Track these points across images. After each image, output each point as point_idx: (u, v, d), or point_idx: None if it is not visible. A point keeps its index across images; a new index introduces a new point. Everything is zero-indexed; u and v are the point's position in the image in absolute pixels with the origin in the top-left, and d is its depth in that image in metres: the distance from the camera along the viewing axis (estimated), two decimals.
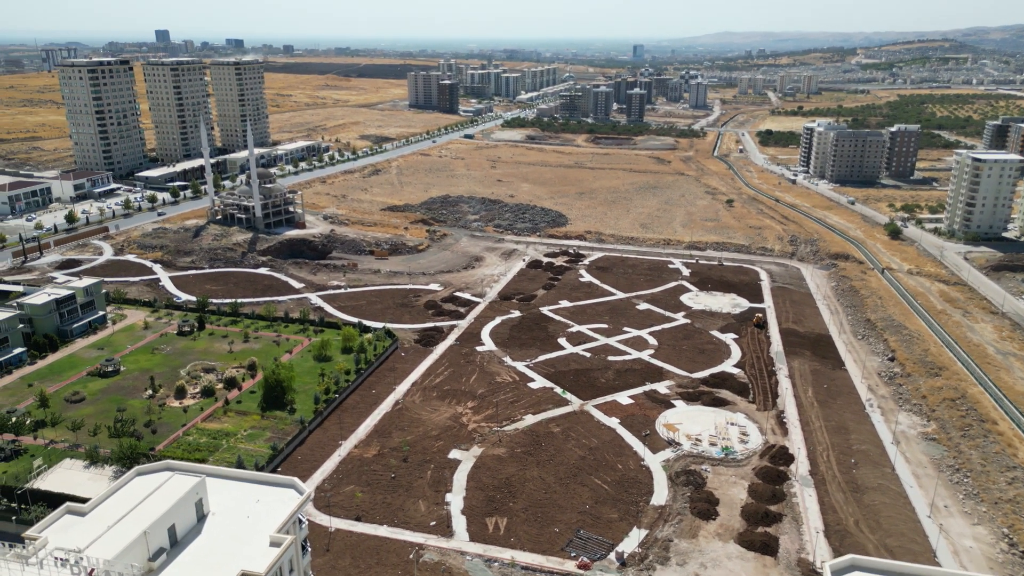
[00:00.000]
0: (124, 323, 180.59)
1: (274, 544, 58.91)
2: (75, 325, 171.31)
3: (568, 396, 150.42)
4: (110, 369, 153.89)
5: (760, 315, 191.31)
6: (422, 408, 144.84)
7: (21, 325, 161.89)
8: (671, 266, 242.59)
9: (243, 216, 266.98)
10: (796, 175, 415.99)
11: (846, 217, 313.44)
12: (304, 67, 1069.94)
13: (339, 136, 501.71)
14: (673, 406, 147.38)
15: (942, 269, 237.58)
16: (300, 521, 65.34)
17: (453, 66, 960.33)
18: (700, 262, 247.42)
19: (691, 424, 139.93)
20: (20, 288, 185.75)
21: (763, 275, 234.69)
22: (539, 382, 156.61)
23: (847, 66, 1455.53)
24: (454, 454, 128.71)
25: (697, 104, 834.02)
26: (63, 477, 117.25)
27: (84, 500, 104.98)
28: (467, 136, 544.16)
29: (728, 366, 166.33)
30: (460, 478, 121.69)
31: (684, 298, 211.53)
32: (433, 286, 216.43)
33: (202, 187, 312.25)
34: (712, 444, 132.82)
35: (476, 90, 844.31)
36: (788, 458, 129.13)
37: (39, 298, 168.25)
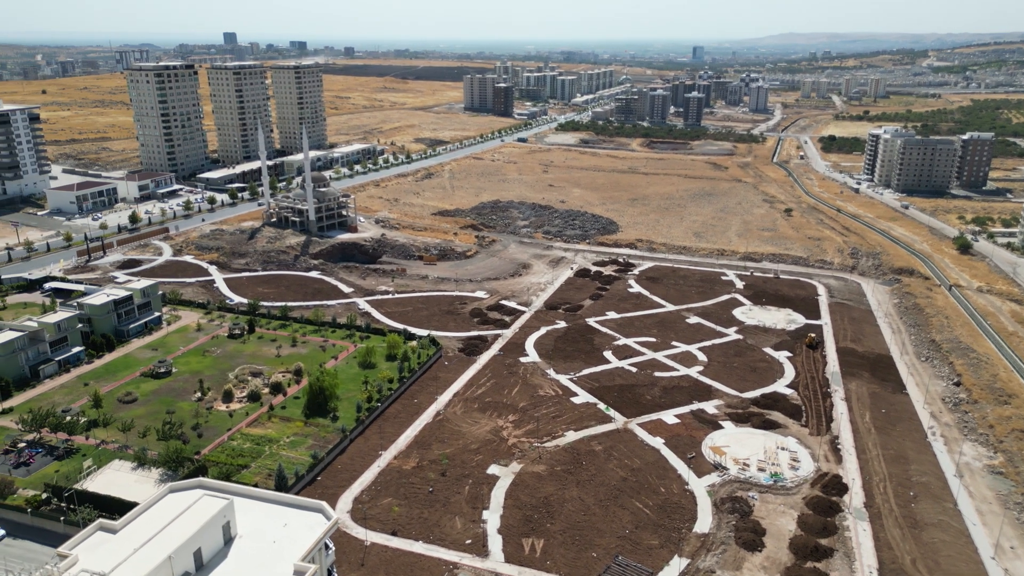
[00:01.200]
0: (178, 324, 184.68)
1: (298, 573, 58.04)
2: (132, 326, 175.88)
3: (612, 413, 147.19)
4: (162, 370, 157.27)
5: (814, 335, 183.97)
6: (463, 420, 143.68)
7: (80, 325, 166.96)
8: (724, 278, 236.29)
9: (297, 219, 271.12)
10: (860, 183, 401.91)
11: (912, 229, 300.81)
12: (363, 69, 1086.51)
13: (394, 139, 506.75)
14: (721, 427, 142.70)
15: (1015, 287, 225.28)
16: (327, 546, 64.45)
17: (509, 68, 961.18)
18: (755, 274, 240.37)
19: (739, 447, 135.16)
20: (82, 288, 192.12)
21: (821, 290, 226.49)
22: (582, 397, 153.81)
23: (917, 69, 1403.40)
24: (493, 469, 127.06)
25: (757, 108, 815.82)
26: (111, 478, 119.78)
27: (129, 504, 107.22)
28: (520, 140, 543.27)
29: (780, 386, 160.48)
30: (498, 495, 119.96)
31: (737, 312, 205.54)
32: (479, 293, 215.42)
33: (259, 189, 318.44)
34: (760, 469, 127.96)
35: (531, 93, 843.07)
36: (841, 488, 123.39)
37: (98, 299, 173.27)
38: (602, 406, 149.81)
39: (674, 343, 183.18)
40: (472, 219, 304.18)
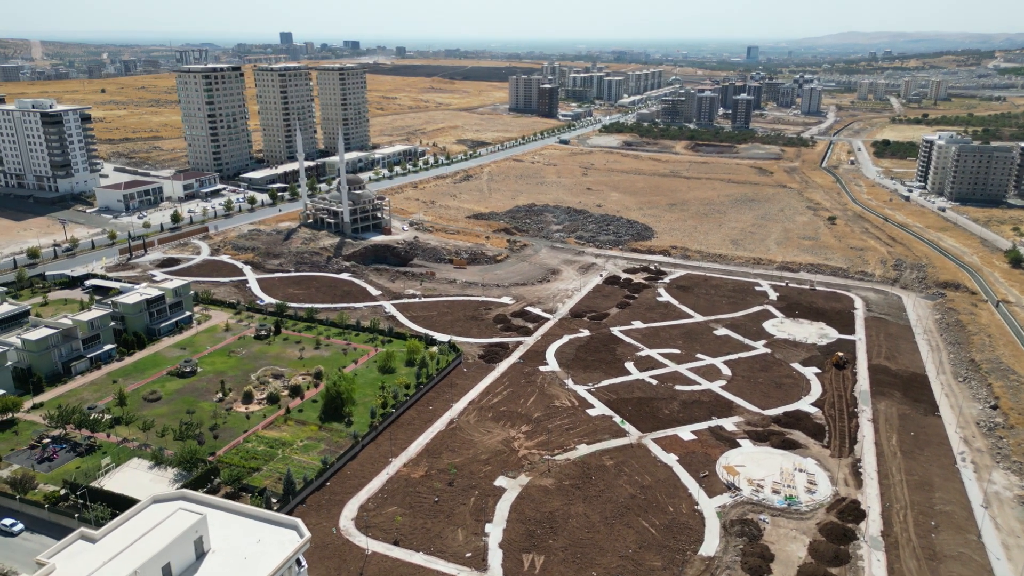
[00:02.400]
0: (208, 324, 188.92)
1: None
2: (163, 324, 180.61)
3: (627, 427, 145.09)
4: (188, 370, 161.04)
5: (841, 354, 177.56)
6: (475, 429, 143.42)
7: (113, 323, 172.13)
8: (758, 288, 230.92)
9: (332, 221, 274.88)
10: (911, 191, 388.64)
11: (963, 240, 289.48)
12: (412, 69, 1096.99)
13: (437, 140, 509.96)
14: (738, 445, 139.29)
15: None
16: (299, 563, 64.72)
17: (556, 69, 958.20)
18: (790, 285, 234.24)
19: (755, 467, 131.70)
20: (118, 286, 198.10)
21: (858, 303, 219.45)
22: (598, 409, 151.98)
23: (983, 70, 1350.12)
24: (500, 481, 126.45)
25: (809, 110, 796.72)
26: (128, 477, 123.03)
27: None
28: (562, 141, 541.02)
29: (805, 404, 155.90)
30: (503, 508, 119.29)
31: (767, 324, 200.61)
32: (505, 299, 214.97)
33: (299, 190, 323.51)
34: (775, 492, 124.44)
35: (577, 94, 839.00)
36: (859, 514, 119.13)
37: (131, 297, 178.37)
38: (618, 419, 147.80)
39: (699, 355, 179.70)
40: (506, 223, 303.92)
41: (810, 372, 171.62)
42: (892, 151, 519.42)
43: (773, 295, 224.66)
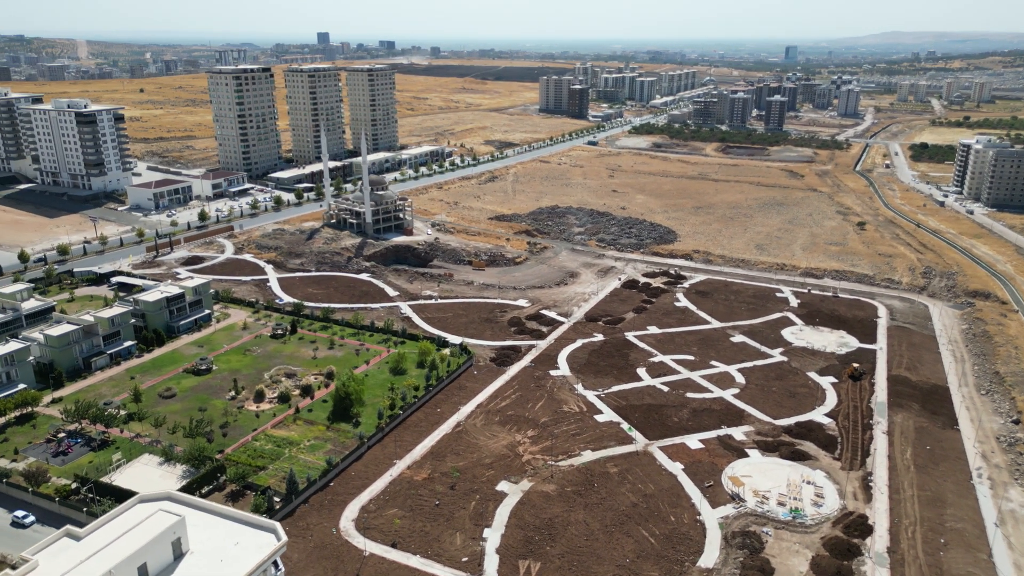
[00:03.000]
0: (226, 322, 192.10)
1: None
2: (182, 322, 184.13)
3: (634, 434, 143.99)
4: (203, 368, 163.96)
5: (857, 365, 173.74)
6: (481, 432, 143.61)
7: (133, 320, 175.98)
8: (779, 295, 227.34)
9: (354, 221, 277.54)
10: (946, 196, 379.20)
11: (997, 248, 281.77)
12: (445, 70, 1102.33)
13: (465, 140, 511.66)
14: (746, 455, 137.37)
15: None
16: (277, 565, 65.48)
17: (588, 69, 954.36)
18: (812, 292, 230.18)
19: (762, 478, 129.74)
20: (142, 283, 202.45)
21: (882, 311, 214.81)
22: (607, 415, 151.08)
23: None
24: (502, 486, 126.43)
25: (846, 112, 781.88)
26: (138, 472, 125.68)
27: None
28: (590, 143, 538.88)
29: (819, 414, 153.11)
30: (503, 513, 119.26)
31: (786, 332, 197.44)
32: (521, 302, 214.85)
33: (324, 190, 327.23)
34: (780, 504, 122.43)
35: (609, 94, 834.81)
36: (865, 529, 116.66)
37: (152, 295, 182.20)
38: (625, 426, 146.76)
39: (713, 362, 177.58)
40: (528, 224, 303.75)
41: (826, 382, 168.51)
42: (930, 155, 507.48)
43: (794, 302, 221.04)
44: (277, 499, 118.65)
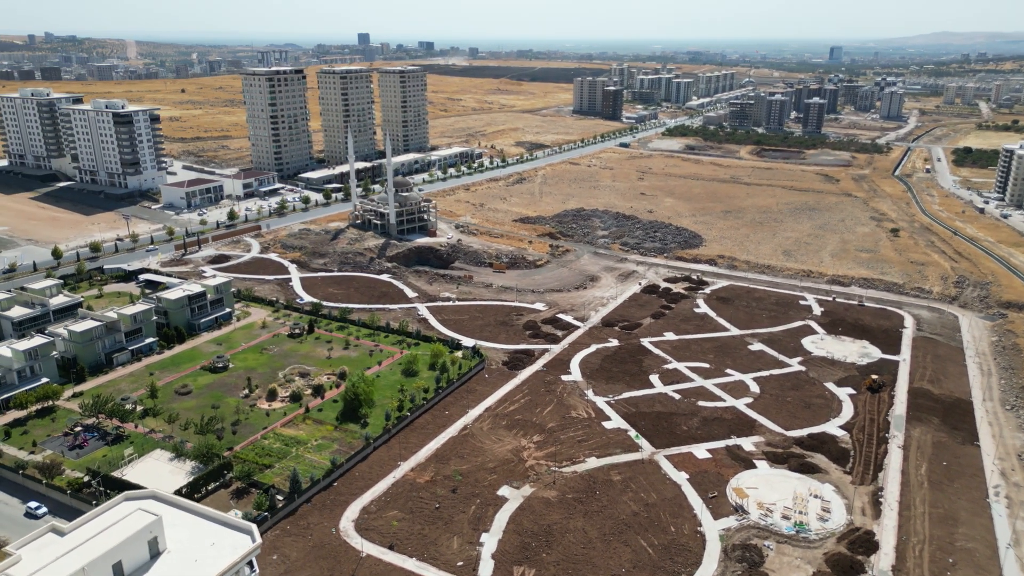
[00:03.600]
0: (246, 320, 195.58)
1: None
2: (203, 320, 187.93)
3: (641, 441, 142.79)
4: (220, 365, 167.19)
5: (876, 376, 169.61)
6: (487, 436, 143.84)
7: (155, 317, 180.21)
8: (802, 302, 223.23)
9: (378, 222, 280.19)
10: (987, 202, 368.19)
11: None
12: (481, 71, 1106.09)
13: (496, 142, 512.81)
14: (754, 467, 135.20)
15: None
16: (252, 566, 66.50)
17: (625, 71, 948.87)
18: (837, 300, 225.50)
19: (768, 490, 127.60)
20: (167, 281, 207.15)
21: (908, 321, 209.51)
22: (615, 422, 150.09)
23: None
24: (504, 491, 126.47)
25: (889, 114, 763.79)
26: (148, 467, 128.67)
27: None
28: (622, 145, 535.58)
29: (833, 426, 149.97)
30: (502, 518, 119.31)
31: (806, 341, 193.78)
32: (538, 305, 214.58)
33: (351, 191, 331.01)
34: (785, 517, 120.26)
35: (644, 96, 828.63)
36: (871, 546, 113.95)
37: (174, 293, 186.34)
38: (632, 433, 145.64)
39: (728, 371, 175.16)
40: (552, 227, 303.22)
41: (844, 393, 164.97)
42: (973, 159, 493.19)
43: (817, 310, 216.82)
44: (280, 498, 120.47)
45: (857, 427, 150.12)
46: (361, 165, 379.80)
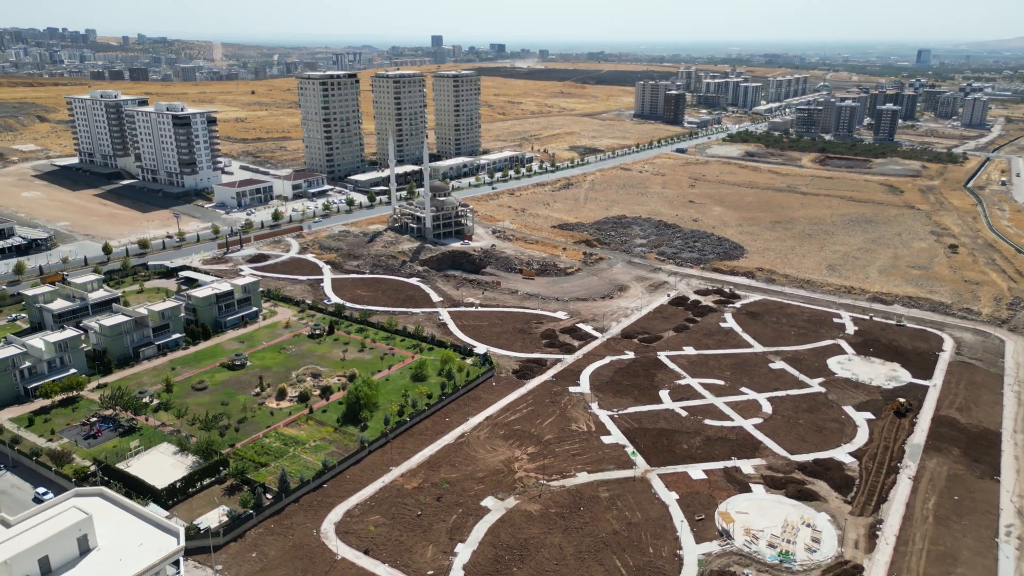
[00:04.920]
0: (272, 320, 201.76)
1: None
2: (230, 318, 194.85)
3: (637, 458, 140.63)
4: (238, 363, 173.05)
5: (903, 399, 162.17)
6: (483, 445, 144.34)
7: (183, 314, 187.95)
8: (836, 320, 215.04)
9: (415, 226, 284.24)
10: None
11: None
12: (547, 73, 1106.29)
13: (549, 146, 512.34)
14: (749, 490, 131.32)
15: None
16: (178, 565, 68.96)
17: (692, 74, 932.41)
18: (874, 319, 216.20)
19: (759, 516, 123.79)
20: (205, 278, 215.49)
21: (948, 344, 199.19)
22: (614, 437, 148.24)
23: None
24: (487, 502, 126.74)
25: (971, 122, 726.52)
26: (152, 459, 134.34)
27: (148, 487, 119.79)
28: (679, 150, 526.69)
29: (842, 452, 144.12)
30: (480, 529, 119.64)
31: (832, 361, 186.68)
32: (560, 314, 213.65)
33: (399, 193, 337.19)
34: (771, 545, 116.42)
35: (710, 100, 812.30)
36: None
37: (203, 291, 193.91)
38: (629, 450, 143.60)
39: (743, 389, 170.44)
40: (590, 234, 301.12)
41: (862, 417, 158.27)
42: None
43: (851, 329, 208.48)
44: (269, 496, 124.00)
45: (868, 454, 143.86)
46: (409, 168, 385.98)
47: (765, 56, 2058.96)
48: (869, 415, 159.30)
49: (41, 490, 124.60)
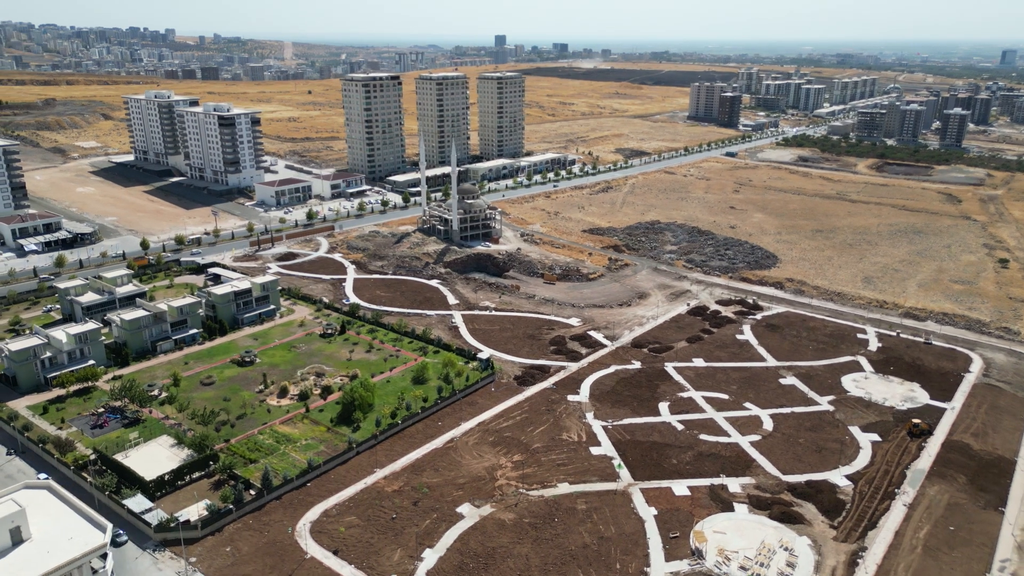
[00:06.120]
0: (288, 318, 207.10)
1: None
2: (247, 315, 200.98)
3: (622, 471, 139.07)
4: (247, 360, 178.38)
5: (918, 420, 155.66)
6: (470, 451, 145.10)
7: (202, 310, 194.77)
8: (860, 336, 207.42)
9: (443, 228, 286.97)
10: None
11: None
12: (605, 73, 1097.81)
13: (594, 148, 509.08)
14: (732, 510, 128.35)
15: None
16: (104, 558, 71.96)
17: (754, 75, 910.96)
18: (901, 336, 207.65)
19: (736, 537, 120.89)
20: (231, 275, 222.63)
21: (976, 365, 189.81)
22: (603, 448, 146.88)
23: None
24: (463, 508, 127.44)
25: None
26: (150, 451, 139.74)
27: (137, 478, 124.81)
28: (728, 154, 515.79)
29: (837, 475, 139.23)
30: (451, 536, 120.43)
31: (847, 379, 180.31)
32: (572, 320, 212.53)
33: (433, 195, 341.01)
34: (742, 568, 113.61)
35: (769, 102, 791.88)
36: None
37: (222, 288, 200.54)
38: (616, 462, 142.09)
39: (746, 404, 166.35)
40: (619, 239, 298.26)
41: (867, 439, 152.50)
42: None
43: (874, 345, 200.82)
44: (252, 492, 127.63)
45: (866, 478, 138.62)
46: (448, 170, 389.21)
47: (837, 56, 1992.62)
48: (875, 437, 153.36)
49: (42, 476, 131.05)
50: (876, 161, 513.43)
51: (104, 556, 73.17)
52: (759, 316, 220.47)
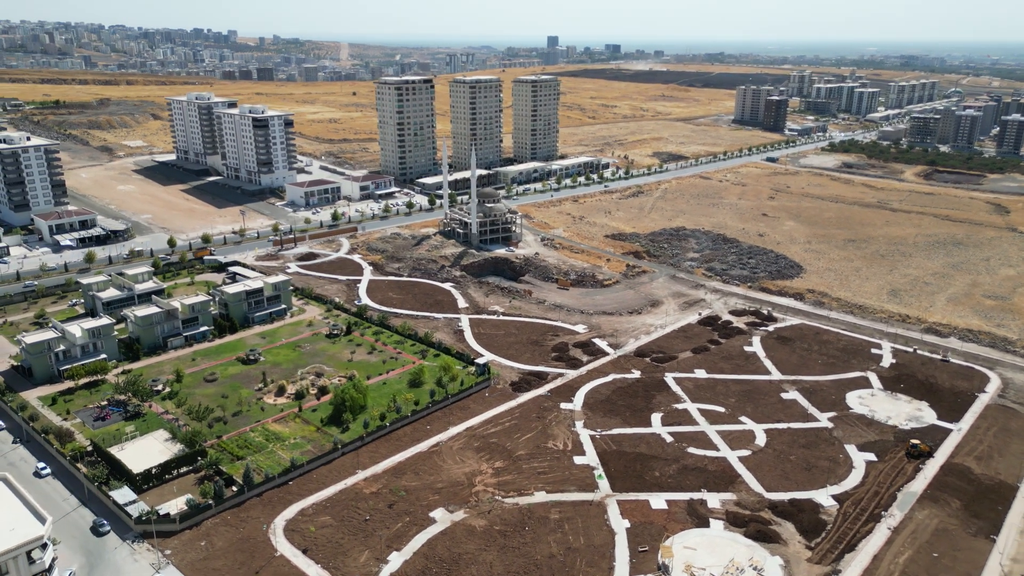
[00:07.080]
0: (298, 317, 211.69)
1: None
2: (257, 314, 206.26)
3: (602, 482, 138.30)
4: (251, 358, 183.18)
5: (918, 440, 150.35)
6: (452, 456, 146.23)
7: (214, 308, 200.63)
8: (874, 351, 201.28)
9: (462, 231, 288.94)
10: None
11: None
12: (653, 75, 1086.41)
13: (631, 152, 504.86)
14: (707, 526, 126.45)
15: None
16: (45, 548, 75.30)
17: (806, 77, 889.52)
18: (918, 352, 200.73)
19: (706, 554, 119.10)
20: (249, 274, 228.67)
21: (993, 385, 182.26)
22: (587, 458, 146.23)
23: None
24: (436, 513, 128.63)
25: None
26: (144, 444, 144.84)
27: (125, 470, 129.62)
28: (769, 159, 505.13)
29: (823, 494, 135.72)
30: (420, 540, 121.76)
31: (852, 395, 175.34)
32: (579, 327, 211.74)
33: (459, 198, 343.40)
34: None
35: (819, 106, 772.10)
36: None
37: (234, 288, 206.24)
38: (597, 472, 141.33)
39: (742, 418, 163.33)
40: (642, 246, 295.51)
41: (861, 458, 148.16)
42: None
43: (888, 361, 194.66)
44: (235, 489, 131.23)
45: (854, 498, 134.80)
46: (479, 173, 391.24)
47: (901, 58, 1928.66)
48: (871, 456, 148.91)
49: (41, 465, 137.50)
50: (925, 168, 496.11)
51: (44, 547, 76.73)
52: (771, 328, 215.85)
